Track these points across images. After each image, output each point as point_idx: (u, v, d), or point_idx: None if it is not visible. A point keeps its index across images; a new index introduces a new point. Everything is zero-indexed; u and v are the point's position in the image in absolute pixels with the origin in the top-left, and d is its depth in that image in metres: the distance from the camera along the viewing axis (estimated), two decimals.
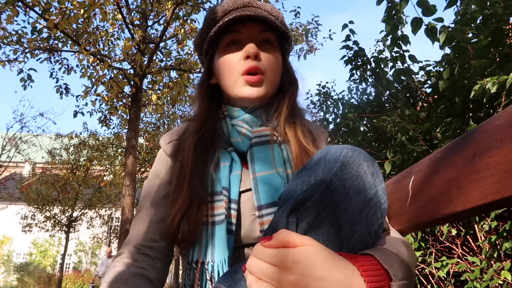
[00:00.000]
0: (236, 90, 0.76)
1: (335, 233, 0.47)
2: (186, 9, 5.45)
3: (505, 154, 0.44)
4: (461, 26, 1.66)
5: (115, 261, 0.69)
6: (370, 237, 0.49)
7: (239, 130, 0.76)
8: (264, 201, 0.66)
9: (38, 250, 19.41)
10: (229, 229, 0.66)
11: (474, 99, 1.61)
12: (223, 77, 0.78)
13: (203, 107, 0.81)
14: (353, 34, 2.74)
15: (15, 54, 5.25)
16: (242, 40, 0.76)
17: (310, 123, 0.85)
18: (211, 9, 0.81)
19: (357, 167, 0.49)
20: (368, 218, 0.49)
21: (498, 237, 1.55)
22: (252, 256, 0.45)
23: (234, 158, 0.74)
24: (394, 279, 0.45)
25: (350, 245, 0.48)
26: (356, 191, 0.48)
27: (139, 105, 5.57)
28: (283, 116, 0.77)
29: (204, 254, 0.66)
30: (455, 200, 0.54)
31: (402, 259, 0.50)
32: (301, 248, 0.42)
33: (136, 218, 0.75)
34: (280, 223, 0.49)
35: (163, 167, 0.79)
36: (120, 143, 9.22)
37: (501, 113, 0.46)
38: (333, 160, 0.50)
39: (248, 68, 0.74)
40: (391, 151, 2.10)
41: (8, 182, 14.11)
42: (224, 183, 0.70)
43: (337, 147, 0.53)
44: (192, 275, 0.67)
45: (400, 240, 0.59)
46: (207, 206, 0.69)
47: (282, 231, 0.44)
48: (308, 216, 0.47)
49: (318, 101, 3.39)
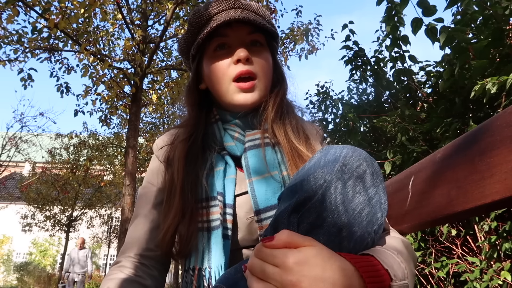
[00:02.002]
0: (228, 97, 0.74)
1: (336, 234, 0.47)
2: (186, 9, 5.45)
3: (505, 154, 0.44)
4: (461, 26, 1.66)
5: (111, 270, 0.70)
6: (370, 237, 0.49)
7: (232, 134, 0.75)
8: (263, 205, 0.66)
9: (38, 250, 19.40)
10: (225, 234, 0.66)
11: (474, 99, 1.61)
12: (214, 84, 0.76)
13: (193, 113, 0.79)
14: (353, 34, 2.74)
15: (16, 54, 5.26)
16: (230, 43, 0.74)
17: (304, 121, 0.84)
18: (194, 13, 0.77)
19: (358, 167, 0.49)
20: (368, 218, 0.49)
21: (498, 237, 1.55)
22: (253, 256, 0.45)
23: (228, 162, 0.73)
24: (394, 279, 0.45)
25: (350, 245, 0.48)
26: (356, 191, 0.48)
27: (139, 105, 5.57)
28: (270, 117, 0.75)
29: (201, 261, 0.66)
30: (455, 200, 0.54)
31: (402, 260, 0.50)
32: (303, 249, 0.42)
33: (131, 227, 0.75)
34: (281, 223, 0.49)
35: (156, 174, 0.78)
36: (120, 143, 9.23)
37: (501, 113, 0.47)
38: (333, 160, 0.50)
39: (239, 72, 0.72)
40: (391, 151, 2.10)
41: (8, 182, 14.11)
42: (219, 188, 0.69)
43: (337, 147, 0.53)
44: (190, 282, 0.67)
45: (400, 240, 0.59)
46: (202, 212, 0.69)
47: (284, 232, 0.44)
48: (309, 216, 0.47)
49: (317, 101, 3.39)
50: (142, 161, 9.18)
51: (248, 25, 0.74)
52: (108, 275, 0.68)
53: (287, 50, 6.31)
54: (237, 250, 0.69)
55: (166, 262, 0.74)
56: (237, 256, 0.69)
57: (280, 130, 0.76)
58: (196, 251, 0.67)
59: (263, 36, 0.77)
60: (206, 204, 0.69)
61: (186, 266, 0.69)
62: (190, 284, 0.67)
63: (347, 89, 3.09)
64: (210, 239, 0.66)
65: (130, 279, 0.66)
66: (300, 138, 0.76)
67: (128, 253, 0.71)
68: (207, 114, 0.80)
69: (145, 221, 0.73)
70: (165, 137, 0.81)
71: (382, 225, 0.52)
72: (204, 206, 0.69)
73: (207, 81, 0.78)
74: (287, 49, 6.32)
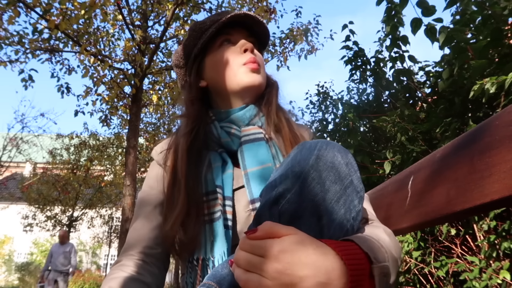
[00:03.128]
0: (238, 78, 0.78)
1: (315, 222, 0.49)
2: (186, 9, 5.46)
3: (504, 154, 0.45)
4: (460, 26, 1.66)
5: (112, 269, 0.71)
6: (349, 223, 0.51)
7: (228, 131, 0.77)
8: (257, 195, 0.69)
9: (39, 250, 19.40)
10: (226, 224, 0.68)
11: (473, 99, 1.62)
12: (220, 72, 0.80)
13: (194, 108, 0.81)
14: (353, 34, 2.74)
15: (16, 55, 5.26)
16: (234, 41, 0.82)
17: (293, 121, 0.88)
18: (195, 23, 0.84)
19: (332, 158, 0.51)
20: (345, 206, 0.51)
21: (497, 236, 1.56)
22: (239, 249, 0.46)
23: (225, 159, 0.76)
24: (374, 262, 0.47)
25: (330, 232, 0.50)
26: (332, 181, 0.50)
27: (140, 105, 5.57)
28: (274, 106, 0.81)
29: (205, 252, 0.68)
30: (454, 199, 0.54)
31: (382, 244, 0.52)
32: (286, 237, 0.44)
33: (131, 228, 0.77)
34: (263, 215, 0.51)
35: (156, 178, 0.80)
36: (120, 143, 9.22)
37: (500, 113, 0.47)
38: (308, 153, 0.52)
39: (249, 59, 0.78)
40: (391, 151, 2.10)
41: (9, 182, 14.12)
42: (218, 182, 0.72)
43: (312, 141, 0.55)
44: (194, 273, 0.68)
45: (381, 228, 0.61)
46: (203, 206, 0.71)
47: (266, 223, 0.46)
48: (289, 208, 0.50)
49: (317, 101, 3.40)
50: (142, 161, 9.17)
51: (247, 30, 0.83)
52: (109, 275, 0.69)
53: (286, 50, 6.31)
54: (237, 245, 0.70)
55: (166, 260, 0.76)
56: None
57: (284, 118, 0.81)
58: (199, 242, 0.69)
59: (257, 43, 0.86)
60: (206, 198, 0.71)
61: (190, 258, 0.70)
62: (194, 275, 0.68)
63: (347, 89, 3.10)
64: (213, 230, 0.68)
65: (131, 277, 0.68)
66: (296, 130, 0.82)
67: (129, 252, 0.72)
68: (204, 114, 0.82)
69: (145, 221, 0.75)
70: (163, 144, 0.84)
71: (360, 212, 0.54)
72: (205, 200, 0.71)
73: (210, 74, 0.82)
74: (287, 50, 6.32)
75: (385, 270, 0.48)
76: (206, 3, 5.23)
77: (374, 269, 0.47)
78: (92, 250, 20.40)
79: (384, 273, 0.48)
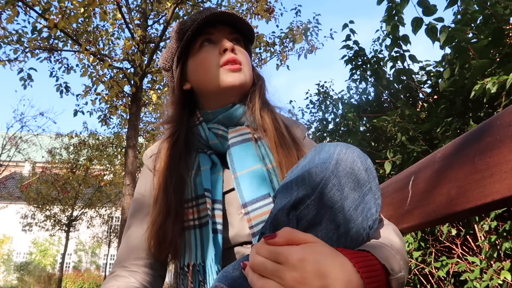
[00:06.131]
0: (217, 81, 0.76)
1: (333, 230, 0.48)
2: (186, 8, 5.45)
3: (505, 154, 0.44)
4: (461, 26, 1.66)
5: (106, 280, 0.71)
6: (365, 232, 0.50)
7: (216, 132, 0.76)
8: (248, 198, 0.67)
9: (38, 250, 19.40)
10: (214, 228, 0.67)
11: (474, 99, 1.61)
12: (200, 74, 0.78)
13: (175, 112, 0.81)
14: (353, 33, 2.74)
15: (16, 54, 5.25)
16: (215, 40, 0.79)
17: (284, 116, 0.86)
18: (178, 23, 0.82)
19: (352, 164, 0.50)
20: (363, 214, 0.50)
21: (498, 237, 1.55)
22: (255, 254, 0.45)
23: (215, 160, 0.75)
24: (392, 273, 0.46)
25: (347, 241, 0.48)
26: (351, 188, 0.49)
27: (139, 105, 5.56)
28: (258, 106, 0.78)
29: (195, 257, 0.67)
30: (455, 200, 0.54)
31: (397, 250, 0.52)
32: (305, 245, 0.43)
33: (124, 237, 0.77)
34: (280, 221, 0.49)
35: (146, 183, 0.80)
36: (120, 143, 9.22)
37: (501, 113, 0.47)
38: (328, 157, 0.50)
39: (226, 60, 0.75)
40: (391, 151, 2.10)
41: (8, 182, 14.10)
42: (206, 185, 0.70)
43: (330, 144, 0.53)
44: (185, 280, 0.68)
45: (391, 228, 0.60)
46: (192, 211, 0.70)
47: (285, 229, 0.45)
48: (308, 214, 0.48)
49: (317, 101, 3.39)
50: (142, 161, 9.16)
51: (230, 27, 0.80)
52: (103, 285, 0.70)
53: (286, 49, 6.31)
54: (231, 249, 0.70)
55: (162, 268, 0.76)
56: (232, 254, 0.69)
57: (268, 117, 0.78)
58: (190, 248, 0.69)
59: (242, 38, 0.83)
60: (195, 203, 0.70)
61: (181, 264, 0.70)
62: (186, 281, 0.68)
63: (347, 88, 3.09)
64: (202, 235, 0.67)
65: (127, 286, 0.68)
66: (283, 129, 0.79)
67: (122, 263, 0.73)
68: (191, 117, 0.81)
69: (137, 230, 0.75)
70: (153, 147, 0.83)
71: (376, 220, 0.52)
72: (194, 205, 0.70)
73: (193, 77, 0.80)
74: (287, 49, 6.31)
75: (402, 280, 0.48)
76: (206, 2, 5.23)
77: (392, 281, 0.46)
78: (91, 249, 20.40)
79: (401, 283, 0.48)
